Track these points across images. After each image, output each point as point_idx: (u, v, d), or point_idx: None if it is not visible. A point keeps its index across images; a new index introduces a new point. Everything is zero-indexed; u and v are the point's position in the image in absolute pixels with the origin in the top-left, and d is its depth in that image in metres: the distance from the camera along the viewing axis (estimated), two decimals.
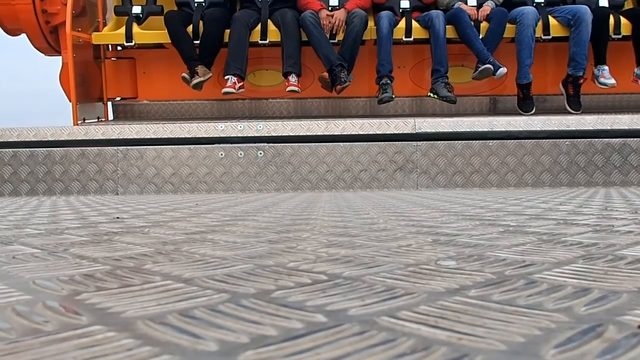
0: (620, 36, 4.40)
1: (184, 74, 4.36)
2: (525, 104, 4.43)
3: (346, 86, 4.29)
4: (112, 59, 4.87)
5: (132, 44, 4.41)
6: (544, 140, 5.23)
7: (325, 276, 0.81)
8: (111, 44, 4.78)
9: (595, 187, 5.11)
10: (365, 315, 0.59)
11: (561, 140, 5.22)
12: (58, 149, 5.34)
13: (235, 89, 4.24)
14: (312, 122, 5.43)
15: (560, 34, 4.43)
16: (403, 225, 1.59)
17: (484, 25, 4.38)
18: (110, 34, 4.53)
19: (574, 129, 5.25)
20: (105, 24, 4.69)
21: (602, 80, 4.31)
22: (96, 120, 4.64)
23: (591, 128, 5.24)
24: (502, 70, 4.20)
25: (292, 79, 4.30)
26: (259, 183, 5.37)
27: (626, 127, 5.22)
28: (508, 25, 4.33)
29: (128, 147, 5.35)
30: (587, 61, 4.29)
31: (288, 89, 4.31)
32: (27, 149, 5.34)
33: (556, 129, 5.27)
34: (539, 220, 1.66)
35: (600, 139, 5.19)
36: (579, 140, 5.20)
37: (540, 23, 4.36)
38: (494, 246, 1.11)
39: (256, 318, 0.58)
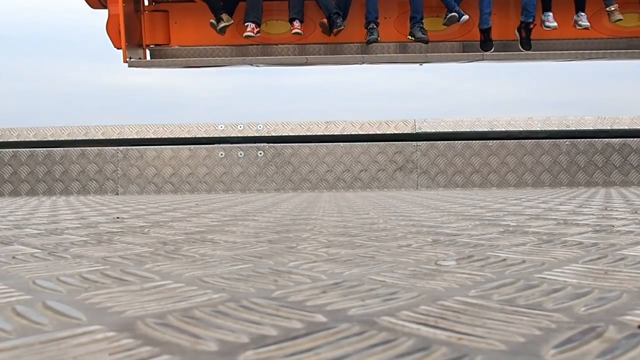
0: None
1: (212, 20, 5.15)
2: (486, 44, 5.25)
3: (341, 29, 5.06)
4: (148, 12, 5.62)
5: None
6: (544, 140, 5.24)
7: (325, 276, 0.81)
8: None
9: (595, 187, 5.11)
10: (365, 315, 0.58)
11: (561, 140, 5.23)
12: (58, 149, 5.35)
13: (254, 33, 5.02)
14: (312, 122, 5.45)
15: None
16: (403, 225, 1.59)
17: None
18: None
19: (574, 129, 5.27)
20: None
21: (547, 23, 5.11)
22: (139, 59, 5.34)
23: (591, 128, 5.26)
24: (465, 17, 5.01)
25: (297, 23, 5.05)
26: (259, 183, 5.38)
27: (626, 127, 5.23)
28: None
29: (128, 147, 5.37)
30: (536, 10, 5.07)
31: (293, 31, 5.06)
32: (27, 149, 5.35)
33: (556, 129, 5.28)
34: (539, 220, 1.66)
35: (600, 139, 5.21)
36: (579, 140, 5.22)
37: None
38: (494, 246, 1.11)
39: (256, 318, 0.58)
